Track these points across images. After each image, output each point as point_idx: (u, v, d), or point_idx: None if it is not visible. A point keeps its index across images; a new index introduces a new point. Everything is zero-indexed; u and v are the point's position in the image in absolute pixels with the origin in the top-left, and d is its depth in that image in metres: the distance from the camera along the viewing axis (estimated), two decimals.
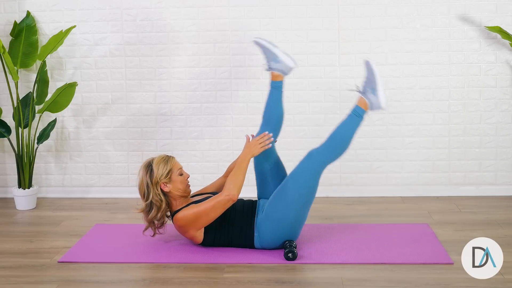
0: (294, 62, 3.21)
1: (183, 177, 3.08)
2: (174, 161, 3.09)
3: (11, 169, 4.32)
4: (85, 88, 4.23)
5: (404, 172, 4.16)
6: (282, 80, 3.24)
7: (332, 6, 4.07)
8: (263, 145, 3.08)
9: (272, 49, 3.20)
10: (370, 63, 3.06)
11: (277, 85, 3.22)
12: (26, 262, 3.00)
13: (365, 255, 2.97)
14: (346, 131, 3.07)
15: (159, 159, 3.06)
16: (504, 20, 3.98)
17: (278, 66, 3.21)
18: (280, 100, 3.23)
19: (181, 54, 4.17)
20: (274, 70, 3.22)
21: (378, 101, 3.05)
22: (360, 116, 3.07)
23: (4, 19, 4.19)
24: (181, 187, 3.06)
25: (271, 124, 3.23)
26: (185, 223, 2.99)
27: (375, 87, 3.05)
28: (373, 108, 3.08)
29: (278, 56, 3.19)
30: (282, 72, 3.22)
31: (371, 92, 3.07)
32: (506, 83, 4.05)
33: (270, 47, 3.21)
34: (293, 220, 2.99)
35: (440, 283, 2.62)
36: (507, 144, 4.10)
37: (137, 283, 2.75)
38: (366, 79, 3.09)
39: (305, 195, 3.01)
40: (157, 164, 3.03)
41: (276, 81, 3.22)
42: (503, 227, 3.39)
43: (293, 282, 2.68)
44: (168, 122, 4.23)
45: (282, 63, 3.20)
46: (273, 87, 3.23)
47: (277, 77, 3.23)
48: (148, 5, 4.14)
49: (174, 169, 3.05)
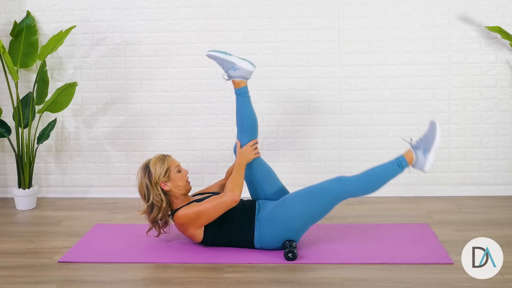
0: (252, 64, 3.18)
1: (181, 173, 3.09)
2: (171, 159, 3.09)
3: (11, 169, 4.32)
4: (85, 88, 4.23)
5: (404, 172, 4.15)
6: (246, 85, 3.20)
7: (332, 6, 4.07)
8: (256, 152, 3.14)
9: (227, 58, 3.16)
10: (436, 125, 3.06)
11: (241, 91, 3.19)
12: (26, 262, 3.00)
13: (365, 255, 2.97)
14: (382, 174, 3.06)
15: (156, 159, 3.06)
16: (504, 20, 3.98)
17: (237, 73, 3.17)
18: (248, 105, 3.20)
19: (181, 54, 4.17)
20: (234, 78, 3.19)
21: (424, 163, 3.05)
22: (401, 167, 3.06)
23: (4, 19, 4.19)
24: (181, 184, 3.06)
25: (245, 130, 3.19)
26: (185, 221, 2.99)
27: (429, 149, 3.05)
28: (415, 166, 3.09)
29: (235, 64, 3.16)
30: (243, 78, 3.18)
31: (422, 151, 3.06)
32: (506, 83, 4.05)
33: (225, 57, 3.16)
34: (297, 227, 3.01)
35: (440, 283, 2.63)
36: (507, 144, 4.10)
37: (137, 283, 2.75)
38: (424, 137, 3.08)
39: (317, 213, 3.02)
40: (154, 164, 3.04)
41: (240, 88, 3.19)
42: (503, 227, 3.40)
43: (293, 282, 2.68)
44: (168, 122, 4.23)
45: (240, 69, 3.16)
46: (238, 95, 3.19)
47: (239, 84, 3.19)
48: (148, 5, 4.14)
49: (171, 167, 3.06)
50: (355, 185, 3.04)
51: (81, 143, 4.29)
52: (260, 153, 3.18)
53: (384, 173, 3.07)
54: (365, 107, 4.12)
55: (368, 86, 4.11)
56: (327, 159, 4.18)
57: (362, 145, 4.15)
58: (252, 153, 3.13)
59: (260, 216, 3.03)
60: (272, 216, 3.01)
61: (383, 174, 3.07)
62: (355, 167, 4.16)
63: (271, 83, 4.14)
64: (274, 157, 4.18)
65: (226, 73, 3.21)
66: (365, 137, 4.14)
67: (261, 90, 4.15)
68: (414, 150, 3.09)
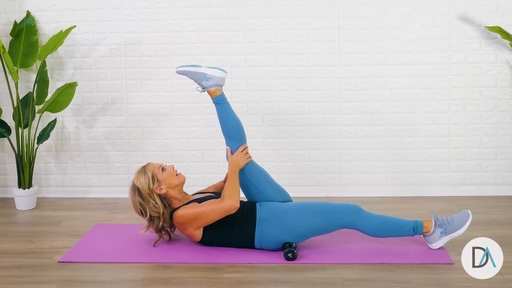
0: (223, 71, 3.18)
1: (167, 170, 3.08)
2: (152, 165, 3.08)
3: (11, 169, 4.32)
4: (85, 88, 4.23)
5: (404, 172, 4.16)
6: (222, 92, 3.19)
7: (332, 6, 4.07)
8: (247, 157, 3.12)
9: (197, 70, 3.16)
10: (469, 218, 3.03)
11: (219, 99, 3.18)
12: (26, 262, 3.00)
13: (365, 255, 2.97)
14: (395, 230, 3.04)
15: (137, 174, 3.07)
16: (504, 20, 3.98)
17: (210, 82, 3.17)
18: (230, 111, 3.18)
19: (181, 54, 4.17)
20: (208, 88, 3.18)
21: (436, 242, 3.03)
22: (414, 232, 3.03)
23: (4, 19, 4.19)
24: (173, 179, 3.06)
25: (232, 137, 3.17)
26: (184, 221, 3.00)
27: (449, 233, 3.01)
28: (426, 237, 3.05)
29: (206, 74, 3.15)
30: (217, 86, 3.18)
31: (442, 231, 3.02)
32: (506, 83, 4.05)
33: (194, 69, 3.16)
34: (300, 234, 3.01)
35: (440, 283, 2.63)
36: (507, 144, 4.10)
37: (137, 283, 2.75)
38: (451, 220, 3.03)
39: (321, 229, 3.03)
40: (138, 179, 3.05)
41: (217, 97, 3.18)
42: (503, 227, 3.40)
43: (293, 282, 2.68)
44: (168, 122, 4.23)
45: (213, 78, 3.16)
46: (216, 103, 3.18)
47: (215, 93, 3.18)
48: (148, 5, 4.14)
49: (155, 170, 3.05)
50: (367, 223, 3.02)
51: (81, 143, 4.29)
52: (251, 157, 3.16)
53: (397, 228, 3.04)
54: (365, 107, 4.12)
55: (368, 86, 4.11)
56: (327, 159, 4.18)
57: (362, 145, 4.15)
58: (244, 159, 3.11)
59: (262, 217, 3.03)
60: (277, 218, 3.01)
61: (395, 229, 3.04)
62: (355, 167, 4.17)
63: (271, 83, 4.14)
64: (274, 157, 4.18)
65: (200, 85, 3.20)
66: (365, 137, 4.14)
67: (261, 90, 4.15)
68: (435, 225, 3.04)
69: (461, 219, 3.04)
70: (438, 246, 3.03)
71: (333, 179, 4.18)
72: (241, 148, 3.14)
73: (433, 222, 3.04)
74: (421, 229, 3.02)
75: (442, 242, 3.03)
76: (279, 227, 2.99)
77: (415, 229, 3.02)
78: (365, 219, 3.02)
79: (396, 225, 3.04)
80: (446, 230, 3.02)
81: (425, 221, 3.05)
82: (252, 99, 4.16)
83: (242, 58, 4.14)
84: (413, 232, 3.03)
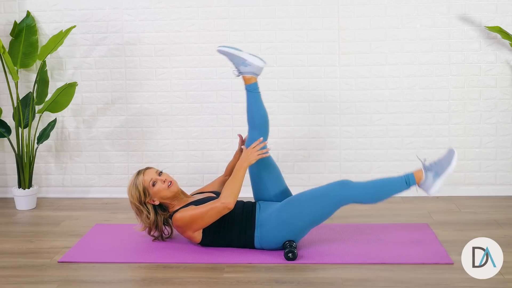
0: (262, 61, 3.17)
1: (157, 185, 3.03)
2: (143, 178, 3.04)
3: (11, 169, 4.32)
4: (85, 88, 4.23)
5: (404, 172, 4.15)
6: (256, 81, 3.19)
7: (332, 6, 4.07)
8: (259, 153, 3.06)
9: (238, 54, 3.16)
10: (454, 154, 3.04)
11: (252, 87, 3.18)
12: (26, 262, 3.00)
13: (365, 255, 2.97)
14: (388, 188, 3.04)
15: (130, 184, 3.06)
16: (504, 20, 3.98)
17: (248, 69, 3.16)
18: (259, 101, 3.19)
19: (181, 54, 4.17)
20: (244, 74, 3.18)
21: (431, 186, 3.03)
22: (408, 185, 3.04)
23: (4, 19, 4.19)
24: (164, 193, 3.04)
25: (257, 127, 3.18)
26: (182, 224, 3.00)
27: (441, 175, 3.03)
28: (422, 187, 3.06)
29: (245, 60, 3.15)
30: (253, 74, 3.18)
31: (433, 174, 3.04)
32: (506, 83, 4.05)
33: (236, 52, 3.16)
34: (299, 229, 3.00)
35: (440, 283, 2.62)
36: (507, 144, 4.10)
37: (137, 283, 2.75)
38: (438, 162, 3.06)
39: (318, 216, 3.01)
40: (130, 192, 3.06)
41: (250, 84, 3.18)
42: (503, 227, 3.39)
43: (293, 282, 2.68)
44: (168, 122, 4.23)
45: (251, 65, 3.16)
46: (249, 91, 3.18)
47: (250, 80, 3.18)
48: (148, 5, 4.14)
49: (146, 185, 3.03)
50: (358, 191, 3.01)
51: (81, 143, 4.29)
52: (268, 153, 3.09)
53: (390, 186, 3.04)
54: (365, 107, 4.12)
55: (368, 86, 4.11)
56: (327, 159, 4.18)
57: (362, 145, 4.15)
58: (255, 155, 3.05)
59: (261, 217, 3.03)
60: (273, 217, 3.00)
61: (388, 187, 3.04)
62: (355, 167, 4.17)
63: (271, 83, 4.14)
64: (274, 157, 4.17)
65: (237, 69, 3.20)
66: (365, 137, 4.14)
67: (261, 90, 4.13)
68: (425, 171, 3.06)
69: (448, 157, 3.05)
70: (435, 190, 3.03)
71: (333, 179, 4.16)
72: (256, 142, 3.08)
73: (422, 169, 3.04)
74: (413, 180, 3.03)
75: (438, 185, 3.03)
76: (277, 226, 2.99)
77: (407, 181, 3.03)
78: (356, 189, 3.00)
79: (388, 184, 3.04)
80: (437, 172, 3.03)
81: (415, 172, 3.06)
82: None
83: None
84: (407, 184, 3.02)
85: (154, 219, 3.06)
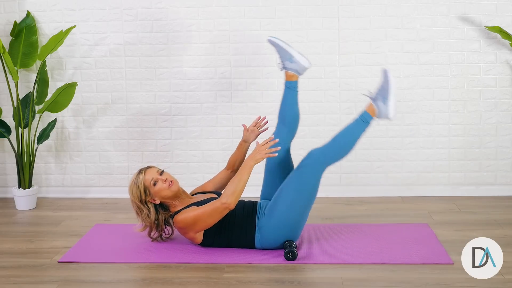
0: (309, 62, 3.17)
1: (158, 185, 3.02)
2: (144, 177, 3.03)
3: (11, 169, 4.32)
4: (85, 88, 4.23)
5: (404, 172, 4.16)
6: (297, 80, 3.20)
7: (332, 6, 4.07)
8: (267, 152, 2.96)
9: (288, 49, 3.16)
10: (388, 73, 3.04)
11: (291, 85, 3.18)
12: (26, 262, 3.00)
13: (365, 255, 2.97)
14: (350, 134, 3.05)
15: (131, 183, 3.05)
16: (504, 20, 3.98)
17: (293, 66, 3.17)
18: (295, 100, 3.20)
19: (181, 54, 4.17)
20: (288, 70, 3.19)
21: (387, 111, 3.04)
22: (366, 122, 3.05)
23: (4, 19, 4.19)
24: (165, 193, 3.03)
25: (286, 124, 3.20)
26: (184, 225, 2.99)
27: (387, 96, 3.03)
28: (380, 117, 3.07)
29: (293, 56, 3.15)
30: (296, 72, 3.19)
31: (382, 100, 3.05)
32: (506, 83, 4.05)
33: (286, 47, 3.17)
34: (294, 219, 2.98)
35: (440, 283, 2.62)
36: (507, 144, 4.10)
37: (137, 283, 2.75)
38: (380, 87, 3.07)
39: (305, 194, 2.98)
40: (130, 190, 3.05)
41: (291, 81, 3.18)
42: (503, 227, 3.39)
43: (293, 282, 2.68)
44: (168, 122, 4.23)
45: (297, 63, 3.16)
46: (287, 87, 3.19)
47: (291, 77, 3.19)
48: (148, 5, 4.14)
49: (147, 184, 3.02)
50: (327, 153, 3.01)
51: (81, 143, 4.29)
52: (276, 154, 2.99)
53: (352, 133, 3.05)
54: None
55: (368, 86, 4.10)
56: None
57: (362, 145, 4.15)
58: (263, 153, 2.96)
59: (261, 217, 3.03)
60: (270, 213, 3.00)
61: (351, 135, 3.04)
62: (355, 167, 4.17)
63: (271, 83, 4.14)
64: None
65: (282, 63, 3.20)
66: (365, 137, 4.14)
67: (261, 90, 4.15)
68: (374, 102, 3.07)
69: (385, 79, 3.04)
70: (392, 111, 3.02)
71: (333, 179, 4.18)
72: (267, 139, 3.01)
73: (372, 102, 3.06)
74: (369, 115, 3.05)
75: (392, 106, 3.02)
76: (275, 224, 2.98)
77: (364, 119, 3.04)
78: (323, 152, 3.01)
79: (349, 131, 3.05)
80: (383, 96, 3.04)
81: (367, 108, 3.08)
82: (252, 99, 4.16)
83: (242, 58, 4.14)
84: (365, 122, 3.04)
85: (155, 218, 3.05)
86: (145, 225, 3.12)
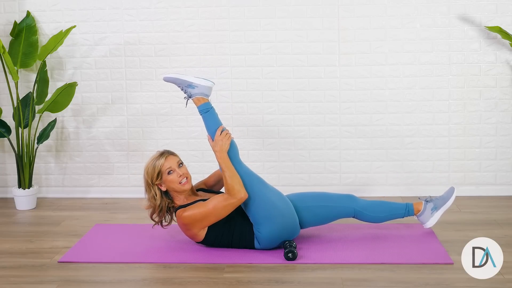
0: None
1: (172, 176, 3.04)
2: (163, 162, 3.04)
3: (11, 169, 4.32)
4: (85, 88, 4.23)
5: (404, 172, 4.16)
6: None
7: (332, 6, 4.07)
8: (228, 136, 3.09)
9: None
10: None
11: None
12: (26, 262, 3.00)
13: (365, 255, 2.97)
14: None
15: (151, 161, 3.07)
16: (504, 20, 3.98)
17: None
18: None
19: (181, 54, 4.17)
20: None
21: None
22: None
23: (4, 19, 4.19)
24: (173, 186, 3.04)
25: None
26: (190, 221, 2.98)
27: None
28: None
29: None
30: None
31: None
32: (506, 83, 4.05)
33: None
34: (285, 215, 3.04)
35: (440, 283, 2.63)
36: (507, 144, 4.10)
37: (137, 283, 2.75)
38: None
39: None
40: (147, 168, 3.06)
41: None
42: (503, 227, 3.40)
43: (293, 282, 2.68)
44: (168, 122, 4.23)
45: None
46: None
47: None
48: (148, 5, 4.14)
49: (162, 170, 3.03)
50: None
51: (81, 143, 4.29)
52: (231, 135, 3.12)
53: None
54: (365, 107, 4.12)
55: (368, 86, 4.11)
56: (327, 159, 4.18)
57: (362, 145, 4.15)
58: (226, 139, 3.08)
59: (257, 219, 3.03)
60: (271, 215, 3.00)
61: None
62: (355, 167, 4.17)
63: (271, 83, 4.14)
64: (274, 157, 4.18)
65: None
66: (365, 137, 4.14)
67: (261, 90, 4.15)
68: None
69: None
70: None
71: (333, 179, 4.18)
72: (218, 132, 3.10)
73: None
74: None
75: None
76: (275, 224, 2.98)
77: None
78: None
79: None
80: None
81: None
82: (252, 99, 4.16)
83: (242, 58, 4.14)
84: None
85: (160, 202, 3.06)
86: (150, 205, 3.10)
